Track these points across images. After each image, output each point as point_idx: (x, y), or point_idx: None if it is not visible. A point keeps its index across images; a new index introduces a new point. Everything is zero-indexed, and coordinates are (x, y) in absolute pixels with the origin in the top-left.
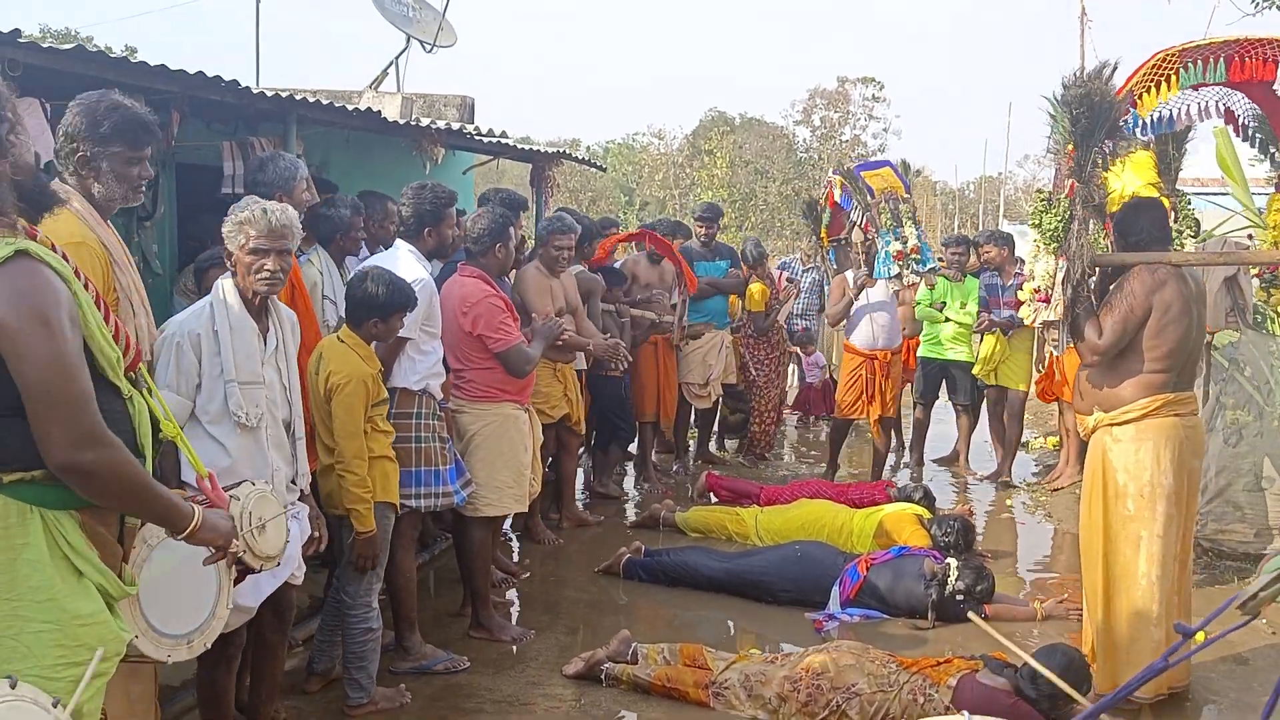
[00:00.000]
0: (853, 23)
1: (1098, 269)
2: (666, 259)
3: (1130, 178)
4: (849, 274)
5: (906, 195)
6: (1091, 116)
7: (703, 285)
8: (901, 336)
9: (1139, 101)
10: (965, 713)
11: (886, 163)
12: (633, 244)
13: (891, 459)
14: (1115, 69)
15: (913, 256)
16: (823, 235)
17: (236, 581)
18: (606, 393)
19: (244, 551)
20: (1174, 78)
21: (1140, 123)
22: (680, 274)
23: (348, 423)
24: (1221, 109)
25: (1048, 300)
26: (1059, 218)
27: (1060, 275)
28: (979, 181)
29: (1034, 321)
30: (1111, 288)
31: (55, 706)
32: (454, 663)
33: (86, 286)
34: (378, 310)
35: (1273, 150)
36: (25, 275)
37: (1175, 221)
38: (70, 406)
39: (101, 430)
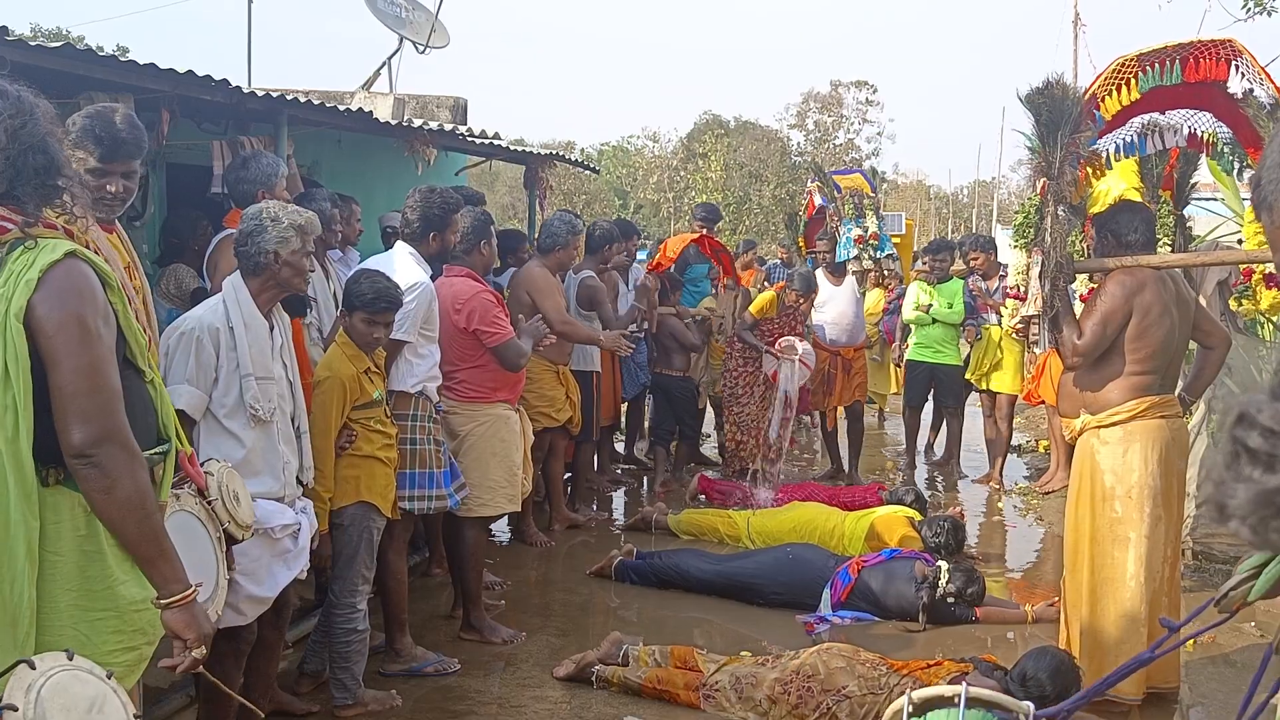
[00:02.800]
0: (846, 26)
1: (1073, 268)
2: (710, 258)
3: (1115, 181)
4: (818, 273)
5: (871, 194)
6: (1053, 111)
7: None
8: (864, 335)
9: (1101, 105)
10: (965, 683)
11: (858, 170)
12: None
13: (887, 453)
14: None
15: (871, 242)
16: (800, 244)
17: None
18: (675, 392)
19: (229, 523)
20: (1133, 81)
21: (1102, 124)
22: (721, 270)
23: (318, 419)
24: (1184, 135)
25: (1021, 297)
26: (1027, 214)
27: (1035, 270)
28: (972, 185)
29: (1014, 324)
30: (1093, 290)
31: (109, 678)
32: (444, 665)
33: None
34: (344, 303)
35: (1239, 167)
36: (72, 278)
37: None
38: (100, 401)
39: (128, 435)
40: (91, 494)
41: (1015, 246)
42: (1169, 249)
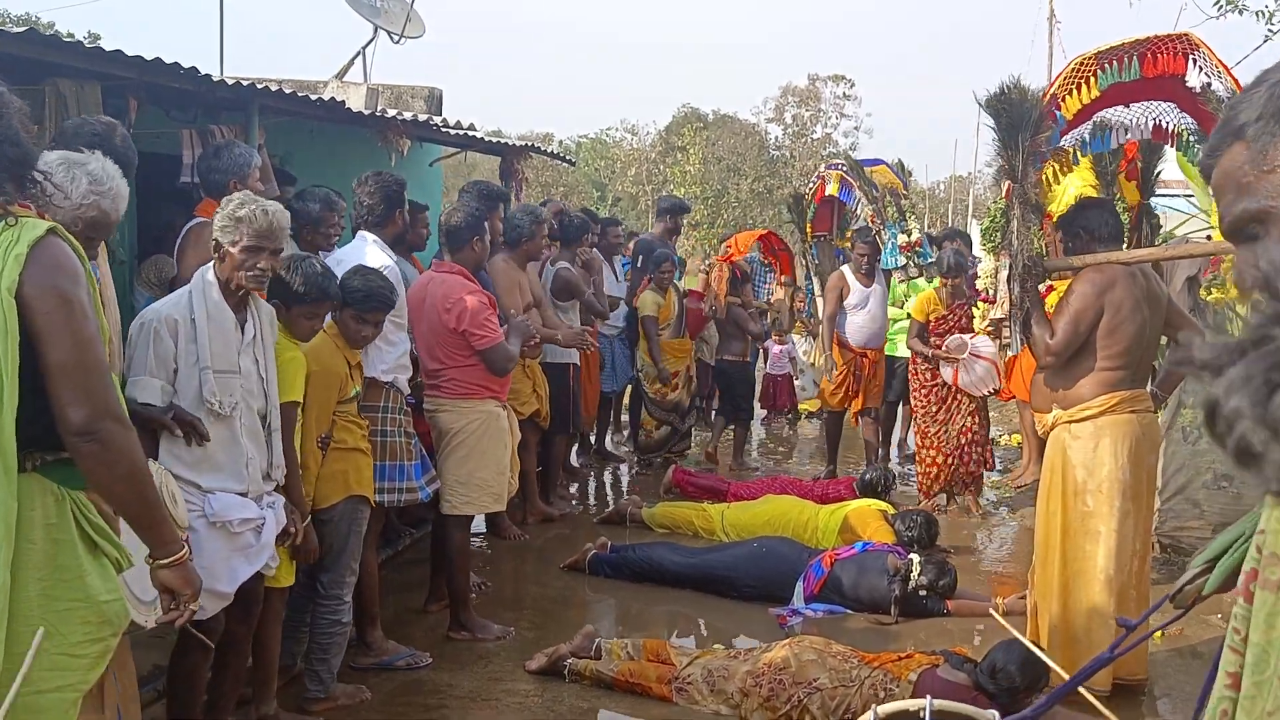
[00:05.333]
0: (824, 21)
1: (1043, 268)
2: (769, 256)
3: (1072, 180)
4: (845, 270)
5: (905, 192)
6: (1013, 115)
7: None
8: (884, 339)
9: (1062, 104)
10: (928, 696)
11: (881, 160)
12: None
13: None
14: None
15: (916, 249)
16: (807, 230)
17: None
18: (733, 377)
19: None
20: (1093, 79)
21: (1064, 123)
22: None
23: (313, 411)
24: (1149, 126)
25: (991, 300)
26: (994, 217)
27: (1004, 273)
28: (949, 181)
29: (985, 327)
30: (1051, 288)
31: None
32: (416, 659)
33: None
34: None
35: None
36: (60, 255)
37: None
38: (96, 378)
39: (123, 410)
40: (95, 471)
41: (984, 249)
42: (1134, 240)
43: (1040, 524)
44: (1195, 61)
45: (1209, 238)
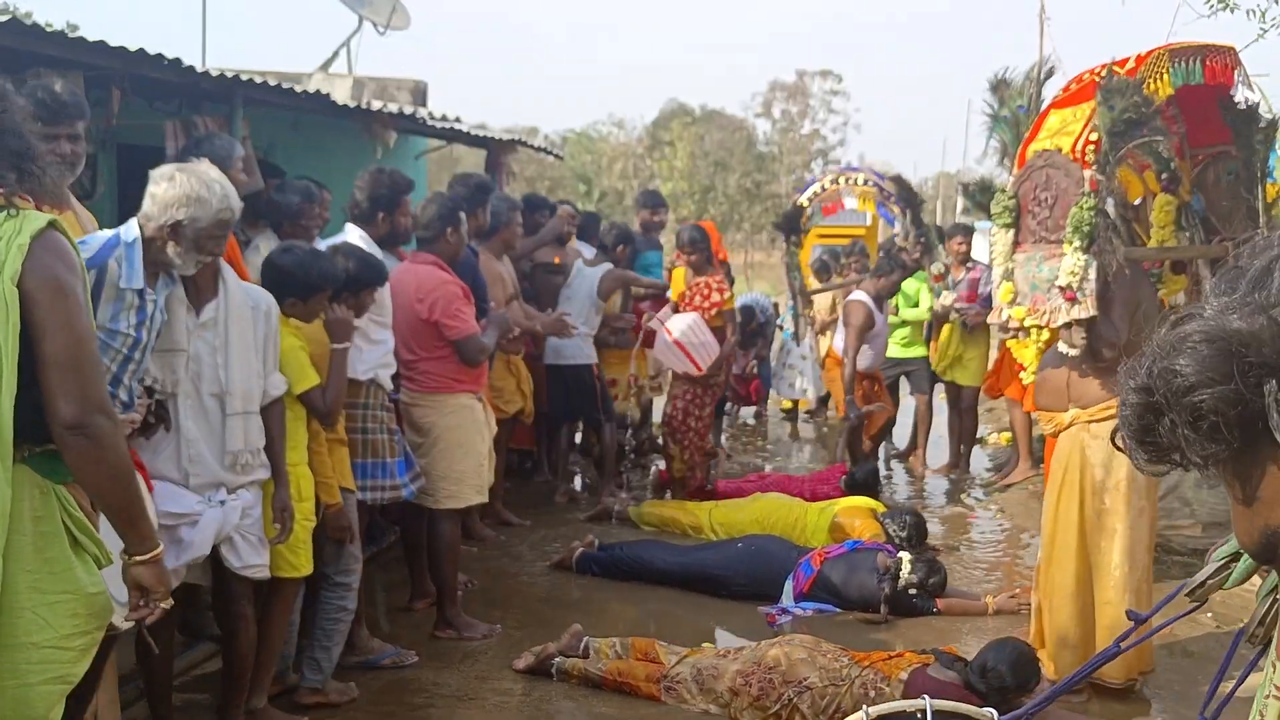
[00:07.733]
0: (811, 16)
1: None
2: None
3: None
4: (866, 300)
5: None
6: (1139, 116)
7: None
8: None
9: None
10: (925, 696)
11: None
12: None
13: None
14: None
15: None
16: (802, 240)
17: None
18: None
19: None
20: (1166, 76)
21: None
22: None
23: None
24: None
25: (1073, 299)
26: (1090, 209)
27: (1093, 271)
28: (937, 177)
29: (1049, 322)
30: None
31: None
32: (401, 657)
33: None
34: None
35: (1159, 150)
36: (60, 248)
37: None
38: (89, 372)
39: (111, 405)
40: (82, 465)
41: (1081, 245)
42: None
43: (1049, 522)
44: (1239, 77)
45: None
